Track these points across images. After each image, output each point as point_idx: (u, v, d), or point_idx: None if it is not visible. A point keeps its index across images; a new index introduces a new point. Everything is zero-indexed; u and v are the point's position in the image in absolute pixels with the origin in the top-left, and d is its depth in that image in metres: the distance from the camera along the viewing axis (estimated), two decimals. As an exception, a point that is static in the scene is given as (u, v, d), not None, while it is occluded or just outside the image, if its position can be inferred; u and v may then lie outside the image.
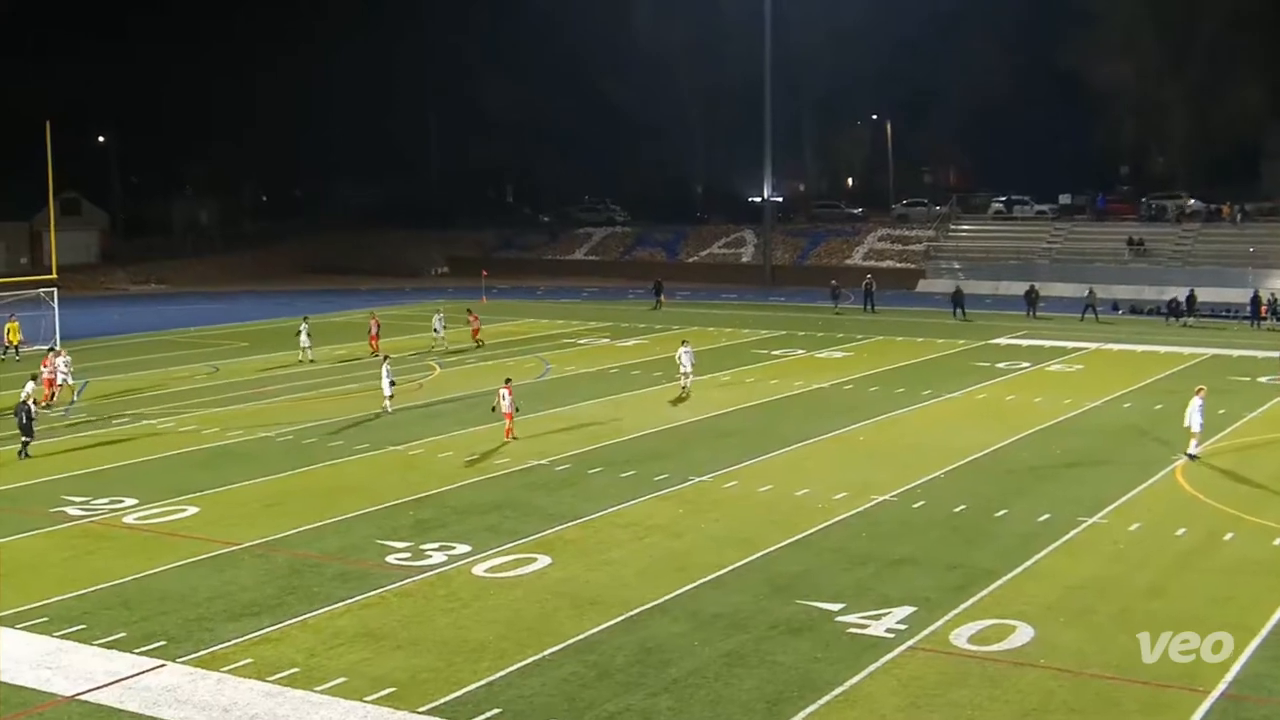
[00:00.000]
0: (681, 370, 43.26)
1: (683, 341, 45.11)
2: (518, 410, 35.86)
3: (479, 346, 54.41)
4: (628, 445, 34.97)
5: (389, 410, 39.65)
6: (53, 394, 42.05)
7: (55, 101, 78.35)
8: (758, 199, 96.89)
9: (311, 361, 50.73)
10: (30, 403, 35.13)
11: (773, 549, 25.04)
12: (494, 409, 36.29)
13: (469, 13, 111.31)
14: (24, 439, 34.35)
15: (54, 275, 58.26)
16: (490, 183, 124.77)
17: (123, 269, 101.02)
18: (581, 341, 57.99)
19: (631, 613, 21.41)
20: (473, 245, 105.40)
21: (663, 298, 74.38)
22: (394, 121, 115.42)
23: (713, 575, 23.39)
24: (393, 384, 39.78)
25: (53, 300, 56.03)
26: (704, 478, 30.88)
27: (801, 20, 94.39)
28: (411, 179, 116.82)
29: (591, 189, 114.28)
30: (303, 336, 51.17)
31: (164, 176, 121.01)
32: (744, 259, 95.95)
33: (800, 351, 54.01)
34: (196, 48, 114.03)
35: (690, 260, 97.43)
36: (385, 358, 42.84)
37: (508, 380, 36.78)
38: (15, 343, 51.45)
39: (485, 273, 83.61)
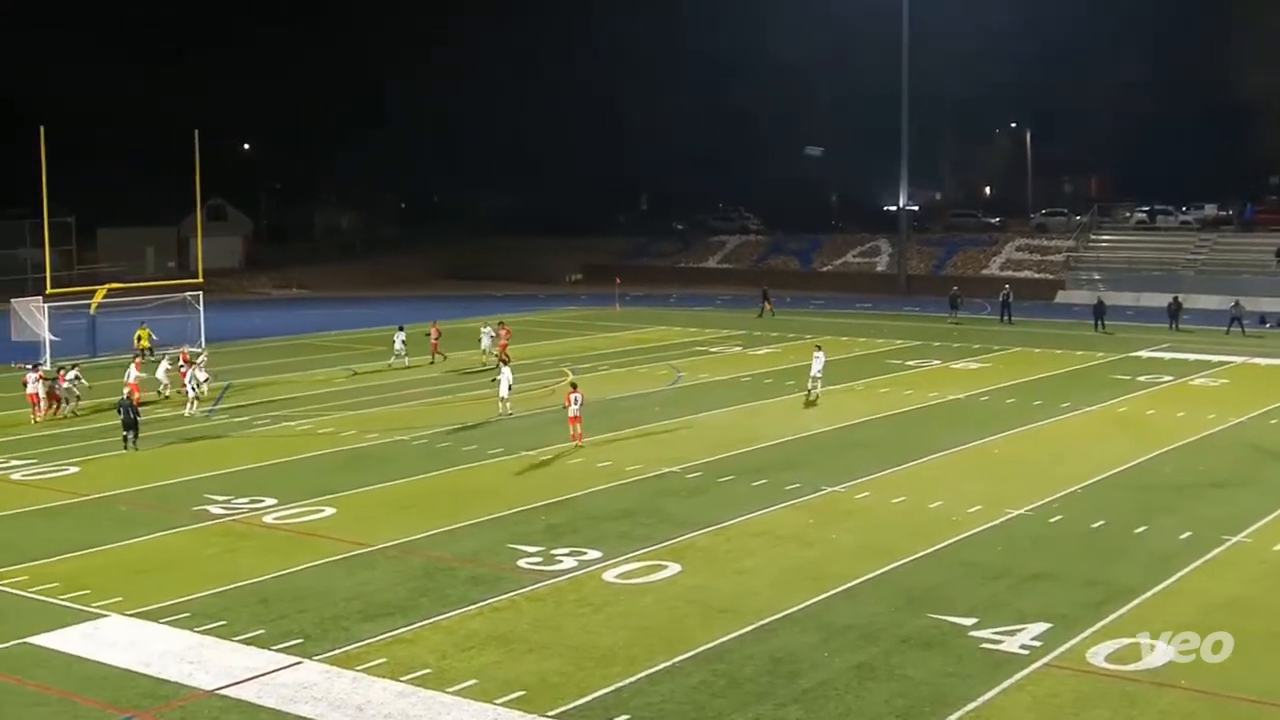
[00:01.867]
0: (812, 375, 43.30)
1: (817, 347, 45.24)
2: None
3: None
4: (759, 454, 34.84)
5: (509, 413, 40.02)
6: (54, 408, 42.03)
7: (203, 110, 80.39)
8: (893, 207, 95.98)
9: (405, 367, 51.22)
10: (131, 398, 37.06)
11: (905, 561, 24.76)
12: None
13: (608, 22, 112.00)
14: (126, 433, 35.93)
15: (200, 279, 59.92)
16: (626, 190, 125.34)
17: (265, 274, 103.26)
18: (713, 349, 57.93)
19: (762, 622, 21.31)
20: (607, 253, 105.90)
21: (769, 304, 73.72)
22: (532, 129, 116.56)
23: (844, 586, 23.19)
24: (510, 388, 40.12)
25: (198, 304, 57.56)
26: (836, 488, 30.65)
27: (940, 28, 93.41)
28: (548, 187, 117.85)
29: (726, 197, 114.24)
30: (398, 343, 51.80)
31: (306, 184, 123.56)
32: (878, 268, 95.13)
33: (935, 362, 53.37)
34: (340, 57, 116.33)
35: (824, 269, 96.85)
36: (506, 361, 43.16)
37: (574, 385, 36.86)
38: (146, 347, 52.55)
39: (619, 280, 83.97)
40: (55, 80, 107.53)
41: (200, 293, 58.32)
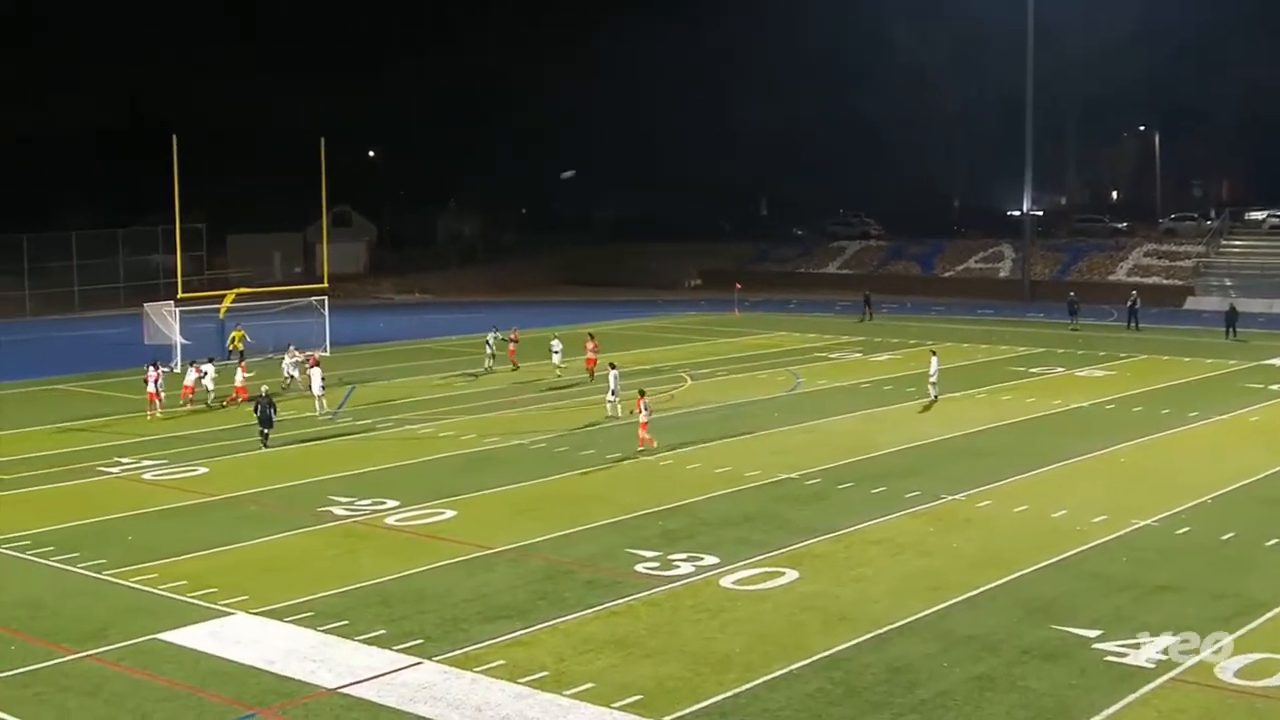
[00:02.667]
0: (930, 379, 43.40)
1: (932, 352, 45.14)
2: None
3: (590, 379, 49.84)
4: (879, 461, 34.56)
5: (616, 416, 40.33)
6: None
7: (330, 119, 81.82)
8: (1017, 212, 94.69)
9: (491, 371, 51.48)
10: (270, 396, 38.23)
11: (1027, 571, 24.38)
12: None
13: (727, 26, 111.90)
14: (263, 430, 37.06)
15: (325, 284, 60.97)
16: (746, 196, 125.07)
17: (388, 279, 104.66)
18: (833, 355, 57.58)
19: (880, 631, 21.13)
20: (726, 258, 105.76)
21: (870, 309, 73.47)
22: (652, 136, 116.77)
23: (964, 596, 22.91)
24: (614, 393, 40.33)
25: (323, 308, 58.56)
26: (957, 496, 30.29)
27: (1065, 30, 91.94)
28: (668, 193, 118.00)
29: (846, 202, 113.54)
30: (489, 346, 52.13)
31: (429, 190, 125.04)
32: (1001, 273, 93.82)
33: (1060, 369, 52.50)
34: (464, 66, 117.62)
35: (946, 274, 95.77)
36: (612, 365, 43.29)
37: (641, 393, 36.90)
38: (240, 349, 53.43)
39: (739, 286, 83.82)
40: (188, 90, 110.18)
41: (325, 297, 59.37)
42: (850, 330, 67.58)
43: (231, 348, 52.87)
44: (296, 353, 47.50)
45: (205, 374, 44.89)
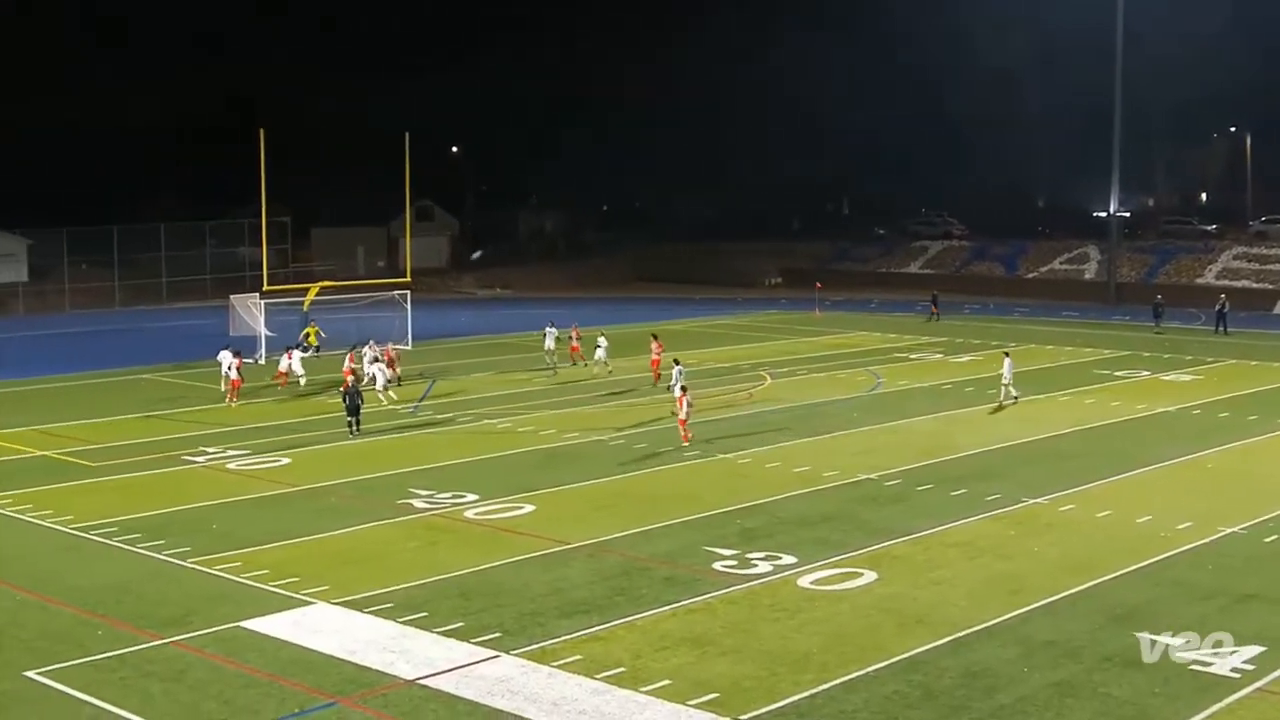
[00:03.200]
0: (1004, 381, 43.18)
1: (1005, 353, 44.91)
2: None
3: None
4: (959, 463, 34.27)
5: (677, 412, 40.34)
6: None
7: (414, 114, 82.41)
8: (1103, 214, 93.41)
9: (553, 368, 51.49)
10: (357, 386, 39.41)
11: (1110, 577, 24.07)
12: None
13: (807, 24, 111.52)
14: (351, 418, 38.02)
15: (408, 279, 61.52)
16: (827, 195, 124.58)
17: (470, 274, 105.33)
18: (914, 356, 57.18)
19: (959, 634, 20.96)
20: (807, 257, 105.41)
21: (936, 309, 73.30)
22: (733, 133, 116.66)
23: (1045, 601, 22.65)
24: (683, 388, 40.26)
25: (406, 302, 59.04)
26: (1039, 499, 29.96)
27: (1155, 30, 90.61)
28: (748, 191, 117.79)
29: (929, 201, 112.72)
30: (548, 340, 52.25)
31: (511, 186, 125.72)
32: (1086, 276, 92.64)
33: (1145, 373, 51.76)
34: (546, 62, 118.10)
35: (1029, 276, 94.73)
36: (676, 361, 43.33)
37: (685, 389, 37.21)
38: (314, 345, 54.15)
39: (819, 284, 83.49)
40: (276, 85, 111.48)
41: (408, 292, 59.85)
42: (931, 331, 67.07)
43: (306, 343, 53.54)
44: (375, 347, 48.01)
45: (294, 360, 46.50)
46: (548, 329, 53.13)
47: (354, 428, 38.17)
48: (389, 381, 44.37)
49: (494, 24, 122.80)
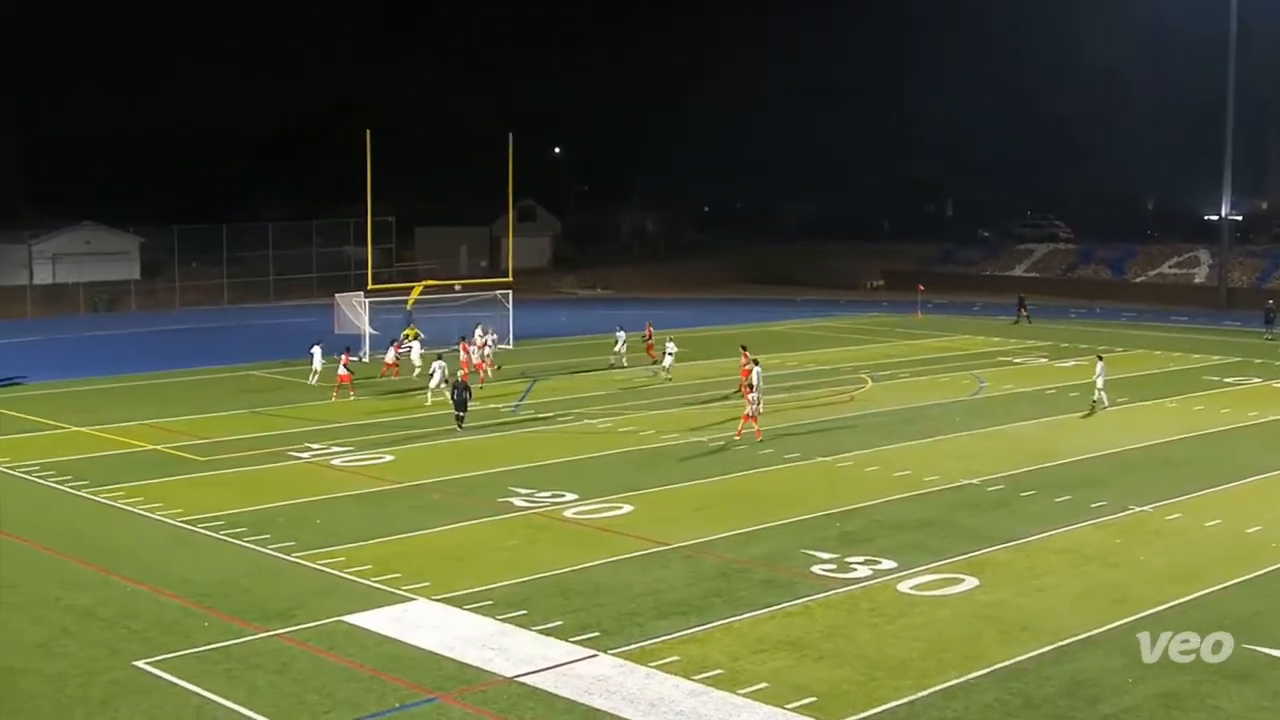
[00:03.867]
0: (1097, 385, 42.83)
1: (1098, 356, 44.23)
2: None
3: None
4: (1064, 469, 33.79)
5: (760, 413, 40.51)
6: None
7: (518, 115, 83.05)
8: (1214, 217, 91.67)
9: (625, 368, 51.68)
10: (463, 380, 40.53)
11: (1218, 587, 23.59)
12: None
13: (913, 26, 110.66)
14: (459, 414, 38.70)
15: (510, 278, 61.93)
16: (930, 197, 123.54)
17: (571, 273, 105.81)
18: (1018, 360, 56.46)
19: (1062, 643, 20.66)
20: (910, 259, 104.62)
21: (1025, 312, 72.71)
22: (836, 135, 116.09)
23: (1151, 611, 22.25)
24: (751, 385, 40.59)
25: (508, 302, 59.44)
26: (1145, 507, 29.46)
27: (1270, 24, 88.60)
28: (851, 192, 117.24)
29: (1034, 204, 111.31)
30: (620, 344, 52.49)
31: (613, 187, 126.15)
32: (1196, 280, 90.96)
33: (1256, 380, 50.68)
34: (648, 63, 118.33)
35: (1137, 280, 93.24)
36: (756, 363, 43.16)
37: (752, 385, 37.79)
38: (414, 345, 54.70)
39: (921, 287, 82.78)
40: (381, 86, 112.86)
41: (510, 291, 60.24)
42: (1036, 335, 66.18)
43: (406, 343, 54.14)
44: (486, 334, 49.70)
45: (411, 350, 48.48)
46: (617, 332, 53.83)
47: (460, 422, 38.75)
48: (444, 381, 44.59)
49: (596, 23, 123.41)
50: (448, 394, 41.66)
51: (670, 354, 49.82)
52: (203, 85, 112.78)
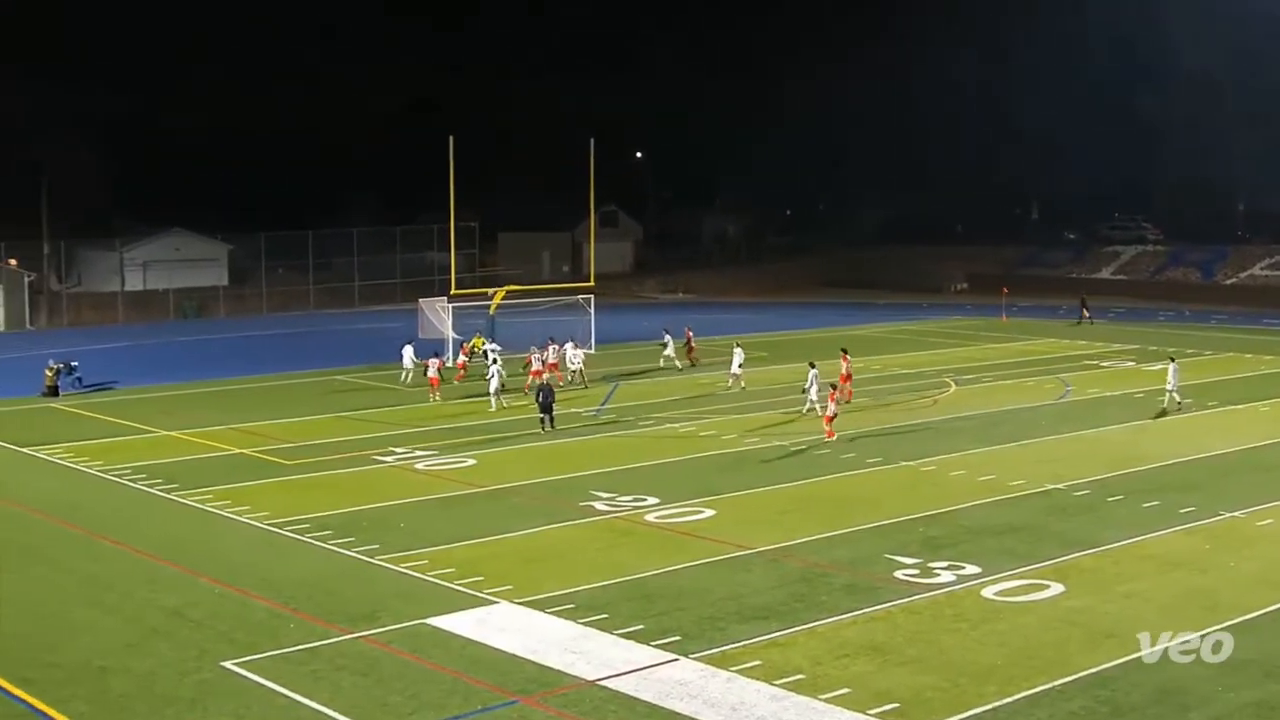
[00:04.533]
0: (1168, 387, 42.66)
1: (1170, 359, 44.09)
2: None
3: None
4: (1152, 474, 33.29)
5: (810, 411, 41.14)
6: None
7: (598, 119, 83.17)
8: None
9: (677, 369, 51.89)
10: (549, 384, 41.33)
11: (1313, 595, 23.15)
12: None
13: (997, 27, 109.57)
14: (543, 415, 39.32)
15: (592, 283, 62.10)
16: (1016, 199, 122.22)
17: (653, 278, 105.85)
18: (1104, 364, 55.73)
19: (1150, 649, 20.36)
20: (994, 262, 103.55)
21: (1086, 313, 72.52)
22: (920, 137, 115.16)
23: (1243, 618, 21.87)
24: (833, 386, 40.81)
25: (589, 306, 59.60)
26: (1236, 513, 28.95)
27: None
28: (934, 195, 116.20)
29: (1122, 205, 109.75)
30: (668, 348, 52.86)
31: (694, 191, 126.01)
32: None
33: (1351, 383, 49.63)
34: (729, 66, 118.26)
35: (1228, 282, 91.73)
36: (811, 365, 43.00)
37: (834, 386, 38.33)
38: (481, 352, 55.07)
39: (1005, 290, 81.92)
40: (464, 92, 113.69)
41: (592, 296, 60.41)
42: (1123, 338, 65.27)
43: (474, 349, 54.72)
44: (579, 349, 50.62)
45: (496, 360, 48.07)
46: (664, 336, 54.91)
47: (546, 424, 39.30)
48: (503, 386, 44.63)
49: (678, 27, 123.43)
50: (499, 401, 43.03)
51: (737, 360, 48.95)
52: (290, 93, 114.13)
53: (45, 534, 28.41)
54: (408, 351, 49.65)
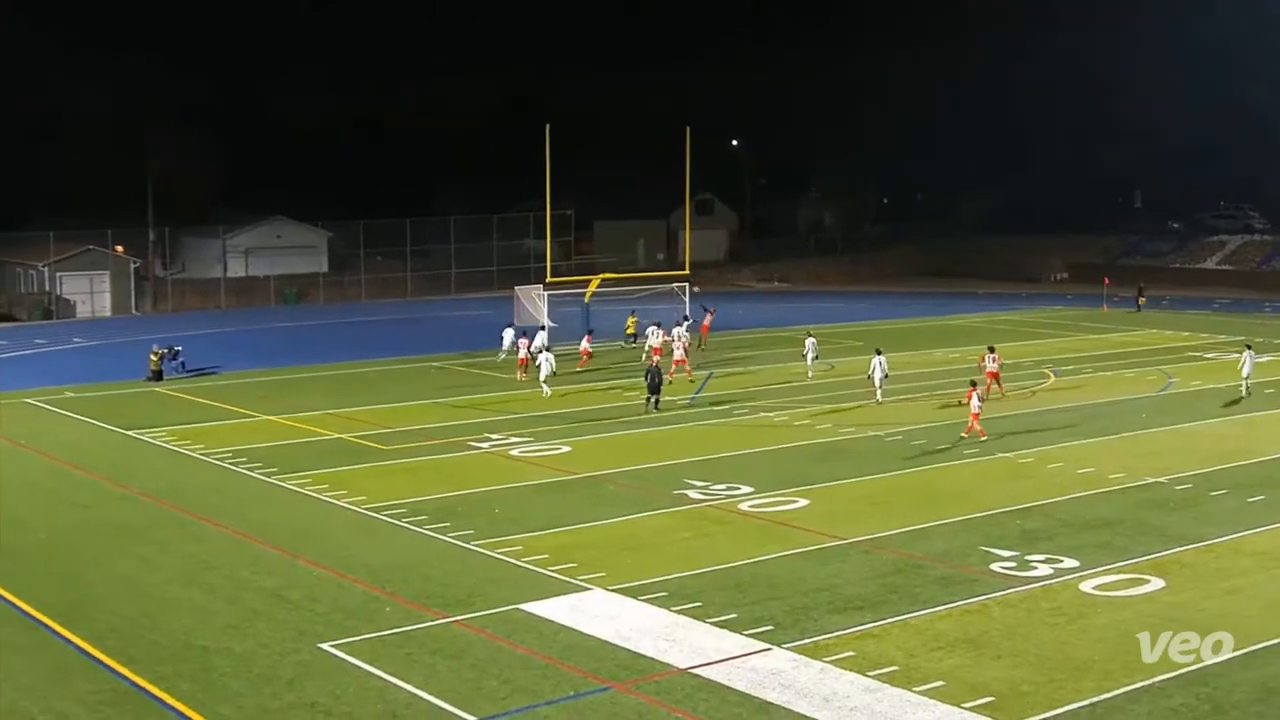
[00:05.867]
0: (1243, 375, 42.50)
1: (1247, 345, 43.89)
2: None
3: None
4: (1258, 468, 32.62)
5: (879, 401, 41.54)
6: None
7: (694, 107, 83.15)
8: None
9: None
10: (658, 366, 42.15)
11: None
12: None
13: (1098, 16, 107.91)
14: (651, 395, 40.01)
15: (687, 271, 62.09)
16: (1118, 188, 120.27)
17: (748, 267, 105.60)
18: (1208, 355, 54.70)
19: (1253, 647, 19.96)
20: (1095, 251, 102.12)
21: (1142, 300, 72.82)
22: (1019, 125, 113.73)
23: (1351, 617, 21.40)
24: (885, 376, 41.43)
25: (684, 295, 59.58)
26: (1345, 509, 28.32)
27: None
28: (1033, 184, 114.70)
29: (1228, 194, 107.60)
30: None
31: (790, 179, 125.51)
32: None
33: None
34: (824, 53, 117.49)
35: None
36: (878, 351, 42.62)
37: (973, 383, 37.17)
38: (631, 334, 56.42)
39: (1107, 280, 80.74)
40: (560, 80, 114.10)
41: (687, 284, 60.38)
42: (1229, 329, 64.04)
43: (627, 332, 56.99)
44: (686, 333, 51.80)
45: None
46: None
47: (652, 405, 40.09)
48: (552, 373, 44.67)
49: (776, 14, 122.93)
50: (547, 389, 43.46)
51: (810, 348, 48.72)
52: (387, 83, 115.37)
53: (149, 515, 28.99)
54: (508, 334, 51.54)
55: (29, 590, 23.31)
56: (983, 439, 35.56)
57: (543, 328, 53.94)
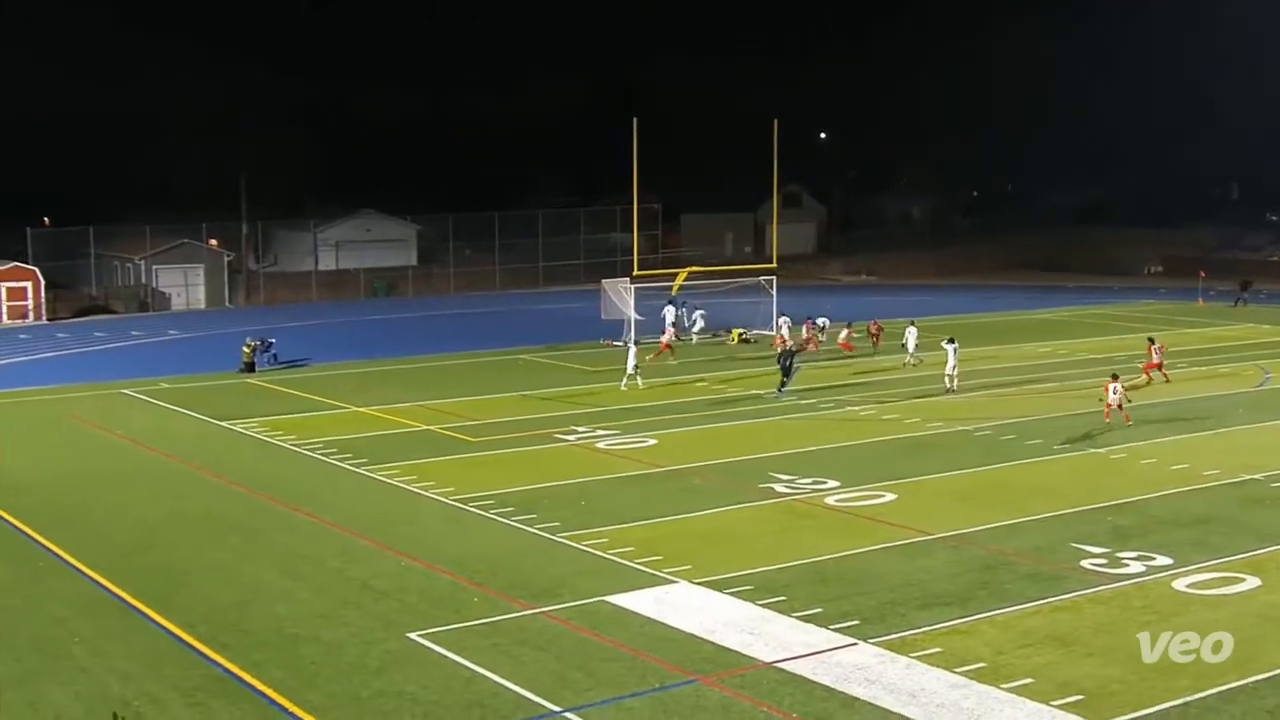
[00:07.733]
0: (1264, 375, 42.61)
1: None
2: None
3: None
4: (1357, 466, 31.93)
5: (953, 389, 42.04)
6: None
7: (783, 101, 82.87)
8: None
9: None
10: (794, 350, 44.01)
11: None
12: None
13: (1198, 8, 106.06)
14: (784, 380, 42.28)
15: (774, 264, 61.91)
16: (1215, 181, 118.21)
17: (836, 260, 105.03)
18: (1308, 351, 53.56)
19: (1354, 649, 19.58)
20: (1190, 245, 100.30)
21: (1245, 295, 72.25)
22: (1111, 117, 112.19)
23: None
24: (953, 366, 42.34)
25: (771, 288, 59.35)
26: None
27: None
28: (1128, 177, 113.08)
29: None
30: (910, 340, 49.76)
31: (879, 172, 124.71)
32: None
33: None
34: (914, 46, 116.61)
35: None
36: (951, 340, 42.23)
37: (1115, 375, 37.35)
38: (749, 341, 56.58)
39: (1202, 273, 79.31)
40: (649, 74, 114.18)
41: (774, 277, 60.17)
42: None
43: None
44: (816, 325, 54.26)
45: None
46: (779, 318, 55.39)
47: (782, 387, 41.98)
48: (638, 366, 44.62)
49: (866, 7, 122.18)
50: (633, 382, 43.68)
51: (911, 337, 49.17)
52: (477, 78, 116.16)
53: (241, 505, 29.43)
54: (669, 311, 54.72)
55: (124, 577, 23.77)
56: (1127, 424, 36.21)
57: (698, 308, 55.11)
